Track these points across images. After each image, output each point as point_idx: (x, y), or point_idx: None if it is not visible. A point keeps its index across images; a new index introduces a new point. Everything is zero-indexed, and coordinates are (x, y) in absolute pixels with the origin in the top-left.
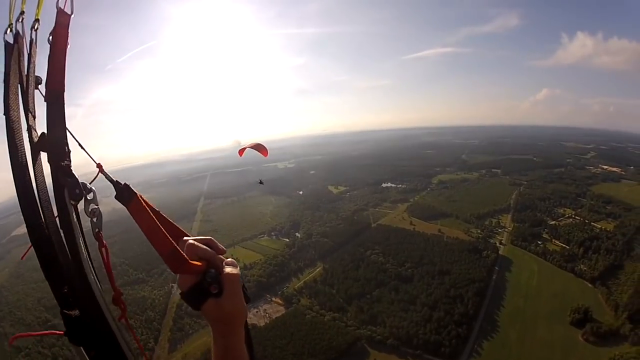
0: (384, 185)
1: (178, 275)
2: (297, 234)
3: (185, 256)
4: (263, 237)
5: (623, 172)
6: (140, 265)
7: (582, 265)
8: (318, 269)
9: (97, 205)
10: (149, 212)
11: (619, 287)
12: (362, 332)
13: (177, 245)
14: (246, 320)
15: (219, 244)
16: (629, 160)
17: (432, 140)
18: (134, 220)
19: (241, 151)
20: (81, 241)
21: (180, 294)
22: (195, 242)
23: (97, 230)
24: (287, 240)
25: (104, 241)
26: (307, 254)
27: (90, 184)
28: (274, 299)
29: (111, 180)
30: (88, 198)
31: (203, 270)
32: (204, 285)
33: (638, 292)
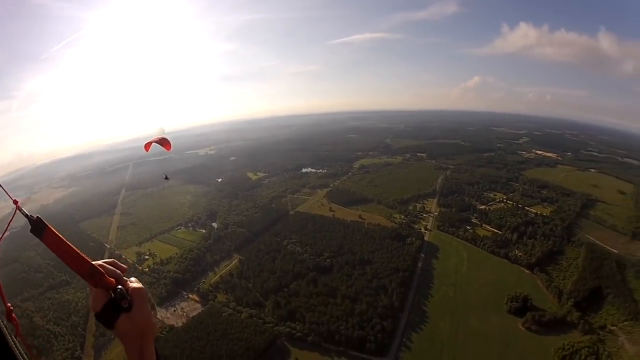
0: (303, 170)
1: (90, 298)
2: (213, 224)
3: (102, 270)
4: (180, 228)
5: (559, 158)
6: (64, 266)
7: (517, 251)
8: (234, 262)
9: None
10: (62, 239)
11: (560, 273)
12: (281, 329)
13: None
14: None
15: (120, 263)
16: (566, 146)
17: (357, 124)
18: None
19: (147, 145)
20: None
21: (94, 315)
22: (102, 263)
23: None
24: (204, 231)
25: None
26: (224, 245)
27: (11, 220)
28: (190, 295)
29: (26, 215)
30: None
31: (112, 288)
32: (115, 301)
33: (583, 278)
